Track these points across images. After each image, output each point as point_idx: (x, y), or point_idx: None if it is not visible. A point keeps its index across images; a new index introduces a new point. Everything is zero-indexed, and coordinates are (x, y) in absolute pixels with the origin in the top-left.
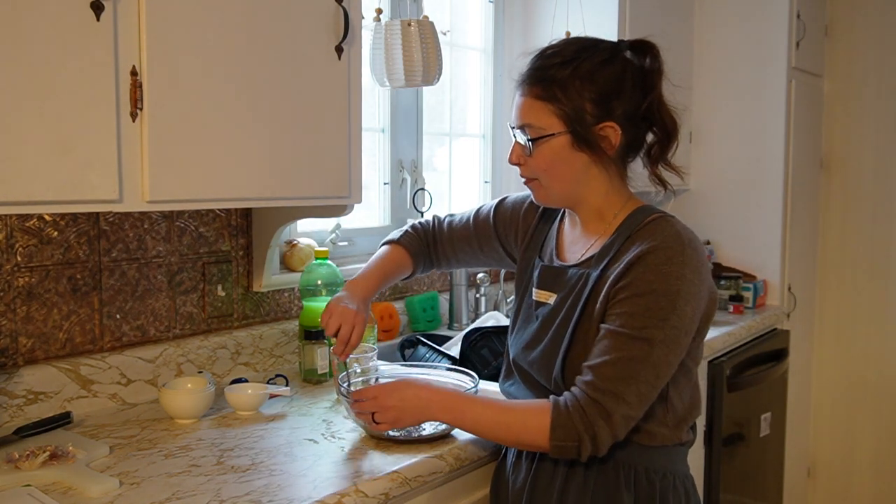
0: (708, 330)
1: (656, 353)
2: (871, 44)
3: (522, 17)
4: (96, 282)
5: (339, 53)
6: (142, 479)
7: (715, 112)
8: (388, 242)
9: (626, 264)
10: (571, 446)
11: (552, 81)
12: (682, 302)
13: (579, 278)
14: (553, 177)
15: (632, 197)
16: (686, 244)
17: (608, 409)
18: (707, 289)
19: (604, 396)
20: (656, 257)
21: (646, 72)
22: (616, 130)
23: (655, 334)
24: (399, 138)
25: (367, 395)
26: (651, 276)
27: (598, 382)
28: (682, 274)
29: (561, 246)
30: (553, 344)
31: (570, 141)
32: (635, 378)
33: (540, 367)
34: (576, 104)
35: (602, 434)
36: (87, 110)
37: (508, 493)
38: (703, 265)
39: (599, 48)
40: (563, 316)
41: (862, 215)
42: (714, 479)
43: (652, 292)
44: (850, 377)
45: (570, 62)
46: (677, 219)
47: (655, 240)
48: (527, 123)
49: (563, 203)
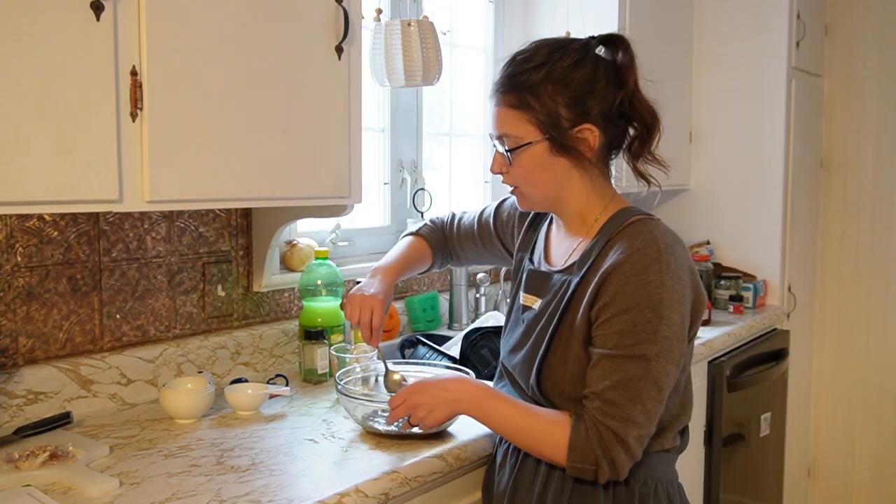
0: (697, 331)
1: (654, 368)
2: (871, 44)
3: (522, 17)
4: (96, 282)
5: (339, 53)
6: (142, 479)
7: (715, 112)
8: (408, 235)
9: (603, 275)
10: (588, 469)
11: (525, 88)
12: (668, 310)
13: (562, 285)
14: (534, 184)
15: (615, 197)
16: (663, 249)
17: (621, 435)
18: (691, 291)
19: (615, 422)
20: (633, 266)
21: (618, 67)
22: (594, 132)
23: (649, 349)
24: (399, 138)
25: (397, 401)
26: (631, 288)
27: (605, 408)
28: (661, 282)
29: (548, 249)
30: (533, 350)
31: (548, 147)
32: (640, 397)
33: (521, 372)
34: (550, 110)
35: (619, 458)
36: (87, 110)
37: (494, 493)
38: (683, 268)
39: (570, 49)
40: (545, 322)
41: (862, 215)
42: (714, 479)
43: (635, 306)
44: (850, 377)
45: (541, 66)
46: (660, 220)
47: (632, 247)
48: (504, 133)
49: (546, 208)
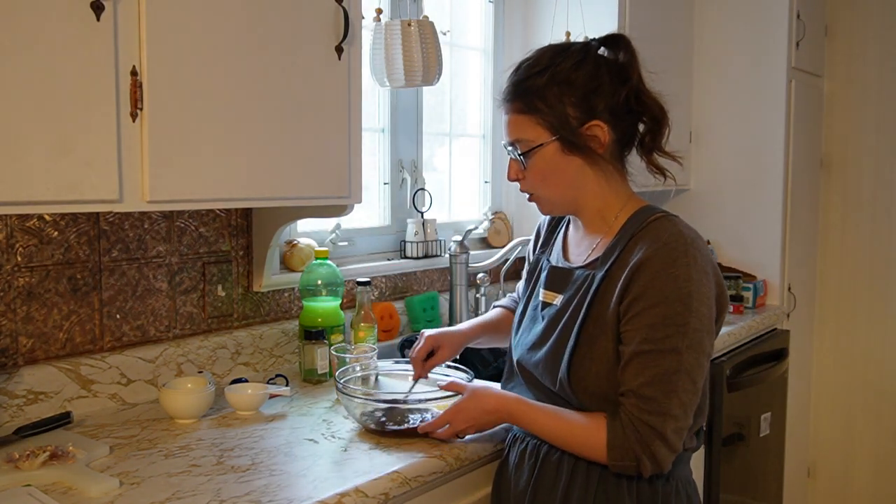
0: (721, 327)
1: (686, 360)
2: (871, 44)
3: (522, 17)
4: (96, 282)
5: (339, 53)
6: (142, 479)
7: (715, 112)
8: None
9: (631, 270)
10: (630, 465)
11: (531, 93)
12: (697, 303)
13: (585, 279)
14: (550, 185)
15: (633, 196)
16: (689, 244)
17: (659, 429)
18: (715, 285)
19: (652, 417)
20: (661, 261)
21: (620, 64)
22: (603, 128)
23: (680, 342)
24: (399, 138)
25: (440, 423)
26: (659, 283)
27: (642, 405)
28: (689, 276)
29: (566, 248)
30: (558, 344)
31: (559, 147)
32: (675, 391)
33: (545, 368)
34: (558, 111)
35: (660, 452)
36: (87, 110)
37: (511, 493)
38: (708, 263)
39: (571, 51)
40: (569, 316)
41: (862, 215)
42: (714, 479)
43: (664, 300)
44: (850, 377)
45: (545, 70)
46: (680, 218)
47: (658, 242)
48: (516, 139)
49: (565, 209)
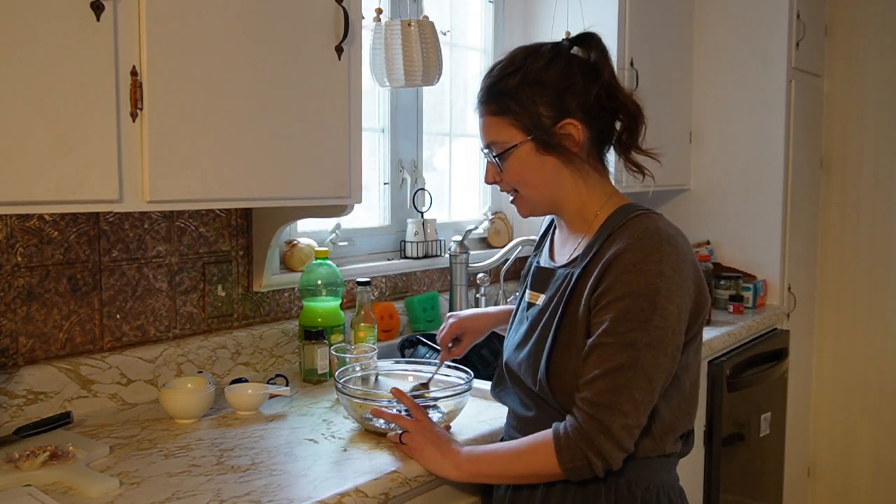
0: (701, 337)
1: (644, 358)
2: (871, 44)
3: (522, 17)
4: (96, 282)
5: (339, 53)
6: (142, 479)
7: (715, 112)
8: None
9: (603, 265)
10: (581, 465)
11: (504, 94)
12: (664, 300)
13: (564, 278)
14: (527, 186)
15: (614, 194)
16: (664, 239)
17: (605, 423)
18: (693, 285)
19: (599, 411)
20: (633, 255)
21: (592, 63)
22: (577, 126)
23: (639, 338)
24: (399, 138)
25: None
26: (627, 276)
27: (592, 397)
28: (660, 271)
29: (553, 248)
30: (538, 344)
31: (534, 148)
32: (627, 386)
33: (526, 368)
34: (531, 111)
35: (606, 448)
36: (87, 110)
37: (491, 500)
38: (685, 261)
39: (542, 51)
40: (549, 316)
41: (862, 215)
42: (714, 479)
43: (630, 294)
44: (850, 377)
45: (517, 71)
46: (662, 216)
47: (632, 237)
48: (491, 141)
49: (546, 209)
